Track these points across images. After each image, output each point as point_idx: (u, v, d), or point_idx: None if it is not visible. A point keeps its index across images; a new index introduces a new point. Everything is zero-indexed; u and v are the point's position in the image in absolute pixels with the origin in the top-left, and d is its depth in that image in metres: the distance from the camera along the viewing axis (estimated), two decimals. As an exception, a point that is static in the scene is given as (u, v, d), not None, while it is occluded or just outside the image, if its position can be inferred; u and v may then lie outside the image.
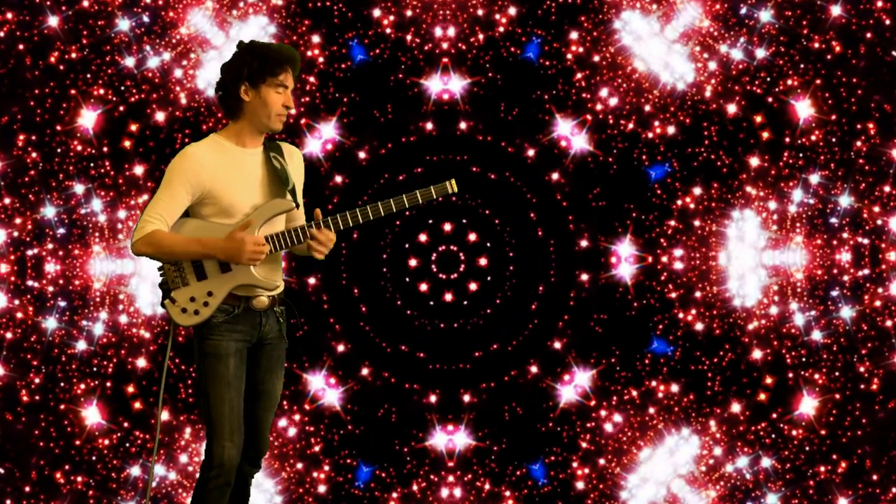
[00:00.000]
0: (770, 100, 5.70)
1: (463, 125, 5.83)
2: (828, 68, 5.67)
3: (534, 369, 5.86)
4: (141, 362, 5.67)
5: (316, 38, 5.73)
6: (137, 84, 5.63)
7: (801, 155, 5.71)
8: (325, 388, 5.82)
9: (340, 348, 5.85)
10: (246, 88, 3.87)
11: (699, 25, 5.72)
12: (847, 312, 5.69)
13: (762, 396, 5.72)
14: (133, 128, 5.65)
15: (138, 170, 5.68)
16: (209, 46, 5.64)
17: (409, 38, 5.77)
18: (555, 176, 5.84)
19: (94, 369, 5.66)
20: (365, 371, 5.85)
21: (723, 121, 5.72)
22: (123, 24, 5.63)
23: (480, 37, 5.78)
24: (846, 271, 5.68)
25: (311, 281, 5.83)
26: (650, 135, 5.76)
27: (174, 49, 5.63)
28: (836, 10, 5.64)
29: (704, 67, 5.72)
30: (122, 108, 5.66)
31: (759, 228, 5.74)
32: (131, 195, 5.66)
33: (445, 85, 5.81)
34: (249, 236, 3.82)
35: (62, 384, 5.66)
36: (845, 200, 5.70)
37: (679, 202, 5.78)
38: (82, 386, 5.66)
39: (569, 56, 5.77)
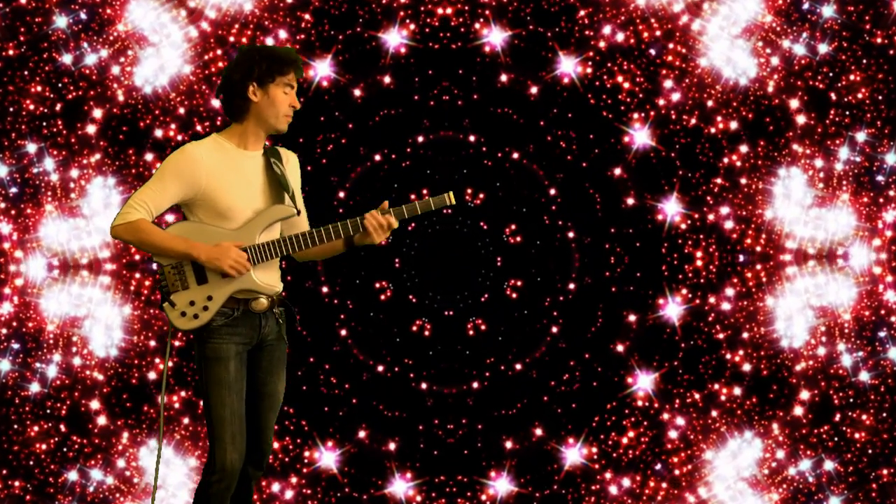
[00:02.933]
0: (833, 96, 5.61)
1: (504, 77, 5.71)
2: (890, 63, 5.61)
3: (539, 432, 5.76)
4: (94, 404, 5.60)
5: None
6: (75, 81, 5.53)
7: (847, 113, 5.62)
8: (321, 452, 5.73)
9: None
10: (254, 89, 3.86)
11: (762, 20, 5.62)
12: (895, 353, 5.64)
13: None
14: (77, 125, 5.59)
15: (90, 129, 5.58)
16: (147, 43, 5.55)
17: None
18: (617, 171, 5.73)
19: (48, 411, 5.58)
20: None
21: (786, 115, 5.62)
22: (61, 21, 5.54)
23: None
24: (894, 311, 5.62)
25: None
26: (713, 130, 5.63)
27: (111, 46, 5.54)
28: (899, 6, 5.61)
29: (767, 63, 5.62)
30: (58, 106, 5.57)
31: (806, 186, 5.64)
32: (83, 154, 5.55)
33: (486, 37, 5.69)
34: (237, 250, 3.82)
35: (16, 426, 5.57)
36: (892, 158, 5.63)
37: (725, 160, 5.66)
38: (35, 428, 5.58)
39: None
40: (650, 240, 5.71)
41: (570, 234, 5.76)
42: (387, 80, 5.68)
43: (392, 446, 5.72)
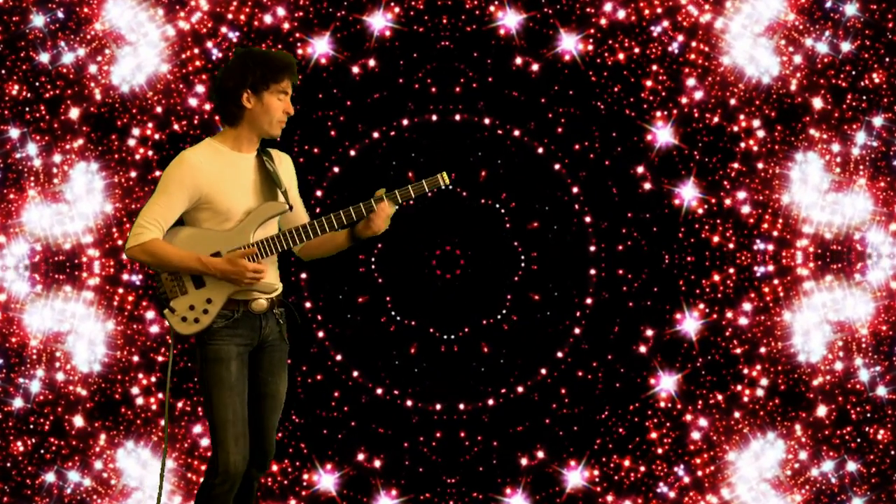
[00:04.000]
0: (851, 96, 5.60)
1: (519, 60, 5.67)
2: (913, 62, 5.61)
3: (540, 455, 5.72)
4: (78, 420, 5.57)
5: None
6: (52, 80, 5.49)
7: (864, 97, 5.59)
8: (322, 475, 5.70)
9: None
10: (248, 95, 3.85)
11: (784, 19, 5.59)
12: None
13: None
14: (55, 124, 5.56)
15: (73, 113, 5.53)
16: (124, 42, 5.52)
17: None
18: (640, 170, 5.68)
19: (31, 426, 5.54)
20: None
21: (809, 112, 5.59)
22: (38, 20, 5.51)
23: None
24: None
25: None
26: (735, 128, 5.60)
27: (89, 45, 5.51)
28: (922, 4, 5.59)
29: (790, 61, 5.59)
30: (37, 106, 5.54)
31: (823, 171, 5.61)
32: (66, 139, 5.51)
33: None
34: (250, 263, 3.82)
35: (-1, 441, 5.50)
36: (909, 142, 5.62)
37: (742, 144, 5.62)
38: (19, 444, 5.54)
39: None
40: (667, 225, 5.68)
41: (590, 248, 5.73)
42: (385, 58, 5.65)
43: (379, 465, 5.69)
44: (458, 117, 5.70)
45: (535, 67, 5.65)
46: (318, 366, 5.71)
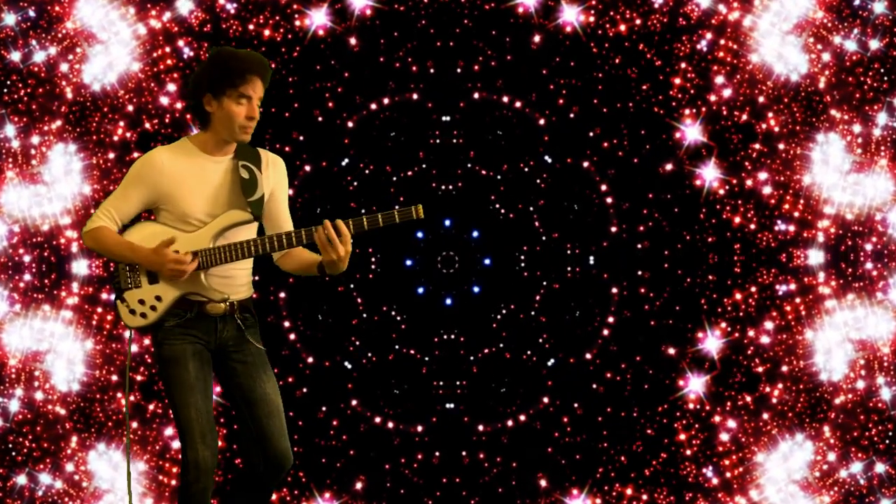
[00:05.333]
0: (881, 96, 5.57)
1: (537, 38, 5.60)
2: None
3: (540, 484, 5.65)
4: (69, 466, 5.51)
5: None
6: (23, 78, 5.44)
7: (885, 78, 5.55)
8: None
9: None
10: (209, 99, 3.78)
11: (813, 17, 5.54)
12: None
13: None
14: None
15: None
16: (95, 41, 5.48)
17: None
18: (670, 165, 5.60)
19: (9, 446, 5.49)
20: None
21: (831, 94, 5.56)
22: (9, 19, 5.48)
23: None
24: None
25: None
26: (764, 126, 5.56)
27: (60, 43, 5.46)
28: (952, 2, 5.56)
29: (818, 59, 5.55)
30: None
31: (844, 152, 5.56)
32: (44, 121, 5.46)
33: None
34: (172, 253, 3.76)
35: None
36: (931, 123, 5.59)
37: (763, 125, 5.58)
38: None
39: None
40: (688, 206, 5.63)
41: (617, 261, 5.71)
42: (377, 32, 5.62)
43: (374, 492, 5.65)
44: (476, 95, 5.67)
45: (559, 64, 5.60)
46: (318, 394, 5.66)
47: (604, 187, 5.67)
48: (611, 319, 5.69)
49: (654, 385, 5.66)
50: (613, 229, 5.67)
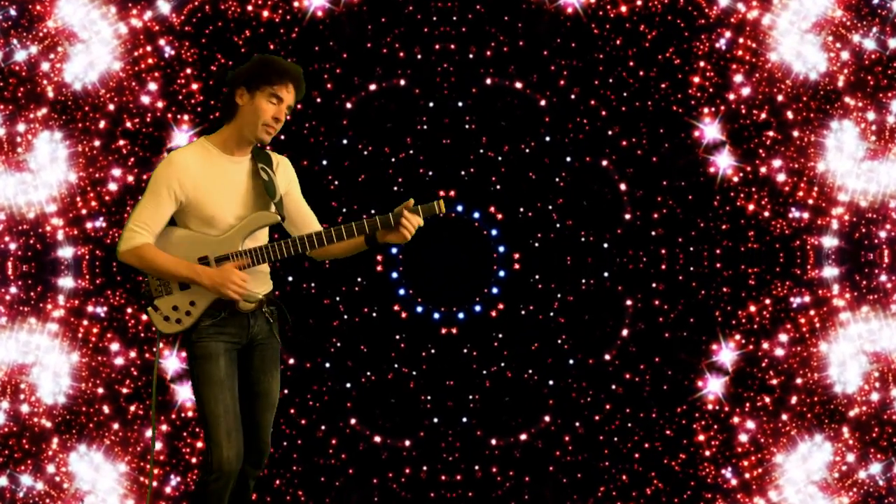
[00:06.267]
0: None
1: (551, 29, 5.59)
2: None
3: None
4: (51, 468, 5.49)
5: None
6: (4, 77, 5.42)
7: None
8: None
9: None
10: (241, 92, 3.85)
11: (832, 15, 5.52)
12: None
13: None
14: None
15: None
16: (76, 40, 5.46)
17: None
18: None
19: None
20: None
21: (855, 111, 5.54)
22: None
23: None
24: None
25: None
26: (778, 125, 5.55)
27: (41, 42, 5.44)
28: (971, 0, 5.54)
29: (837, 57, 5.52)
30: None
31: (858, 139, 5.53)
32: (30, 109, 5.44)
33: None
34: (238, 273, 3.83)
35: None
36: (945, 111, 5.56)
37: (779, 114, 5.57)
38: None
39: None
40: (702, 193, 5.60)
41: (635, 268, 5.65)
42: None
43: None
44: (489, 81, 5.63)
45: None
46: (323, 416, 5.65)
47: (623, 186, 5.63)
48: (625, 332, 5.67)
49: (673, 386, 5.62)
50: (631, 242, 5.65)
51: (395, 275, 5.64)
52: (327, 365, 5.63)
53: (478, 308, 5.64)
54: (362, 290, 5.62)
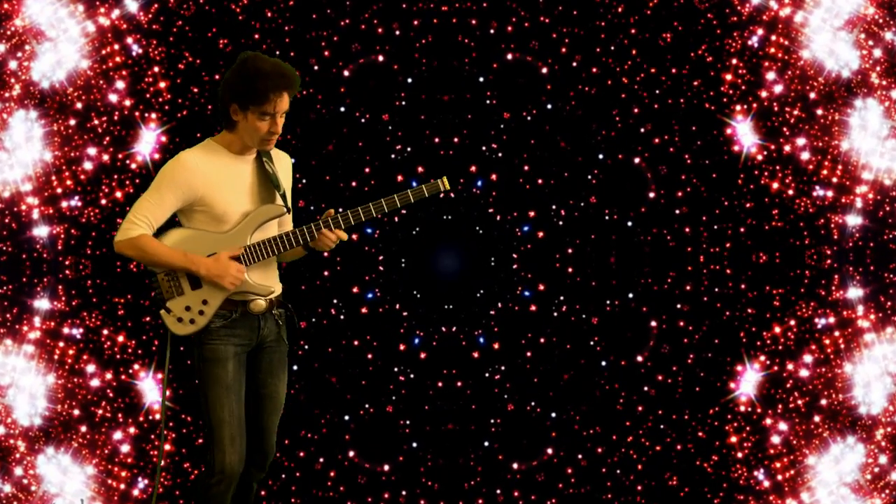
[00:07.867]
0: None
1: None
2: None
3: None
4: (18, 471, 5.46)
5: None
6: None
7: None
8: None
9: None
10: (235, 109, 3.82)
11: (864, 12, 5.48)
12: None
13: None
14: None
15: (12, 64, 5.43)
16: (44, 38, 5.42)
17: None
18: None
19: None
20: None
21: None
22: None
23: None
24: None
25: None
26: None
27: (9, 41, 5.40)
28: None
29: (869, 55, 5.48)
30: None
31: (882, 117, 5.48)
32: (5, 87, 5.40)
33: None
34: (235, 263, 3.84)
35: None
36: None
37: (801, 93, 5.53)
38: None
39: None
40: (726, 171, 5.56)
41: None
42: None
43: None
44: (510, 56, 5.60)
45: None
46: (322, 449, 5.62)
47: (654, 185, 5.60)
48: (646, 355, 5.65)
49: (706, 388, 5.58)
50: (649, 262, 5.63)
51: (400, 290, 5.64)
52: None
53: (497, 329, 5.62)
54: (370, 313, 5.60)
